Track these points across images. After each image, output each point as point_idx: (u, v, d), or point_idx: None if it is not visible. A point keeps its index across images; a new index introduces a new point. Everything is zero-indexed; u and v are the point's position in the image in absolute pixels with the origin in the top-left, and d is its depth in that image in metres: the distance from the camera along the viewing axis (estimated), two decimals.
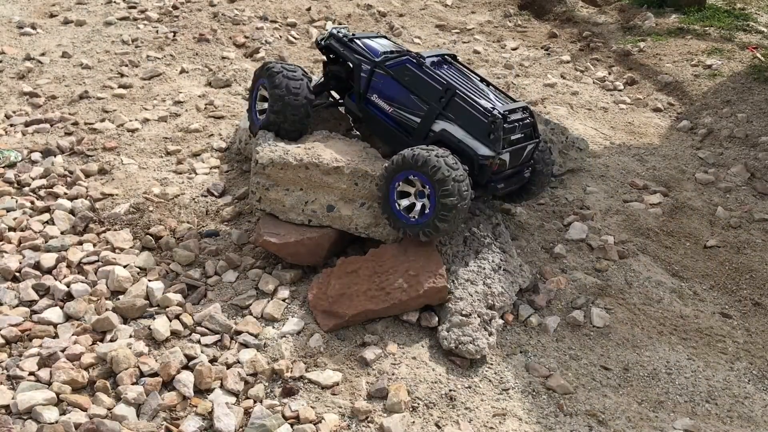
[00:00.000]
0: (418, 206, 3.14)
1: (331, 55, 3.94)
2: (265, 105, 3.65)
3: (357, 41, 3.74)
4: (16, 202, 3.76)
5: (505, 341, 3.19)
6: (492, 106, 3.29)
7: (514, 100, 3.56)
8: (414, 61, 3.43)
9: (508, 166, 3.38)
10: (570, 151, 4.49)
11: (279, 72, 3.53)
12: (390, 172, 3.15)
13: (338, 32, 3.83)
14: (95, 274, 3.31)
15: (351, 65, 3.71)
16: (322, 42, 3.86)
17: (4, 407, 2.57)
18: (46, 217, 3.68)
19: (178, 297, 3.17)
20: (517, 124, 3.33)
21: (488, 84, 3.61)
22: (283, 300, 3.21)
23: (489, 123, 3.21)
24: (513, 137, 3.32)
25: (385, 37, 3.97)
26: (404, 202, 3.17)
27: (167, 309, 3.10)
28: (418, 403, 2.76)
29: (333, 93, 4.09)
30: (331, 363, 2.91)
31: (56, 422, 2.52)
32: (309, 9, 6.87)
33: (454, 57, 3.73)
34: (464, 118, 3.28)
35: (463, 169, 3.06)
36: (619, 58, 6.64)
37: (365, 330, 3.11)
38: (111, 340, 2.93)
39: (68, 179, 4.02)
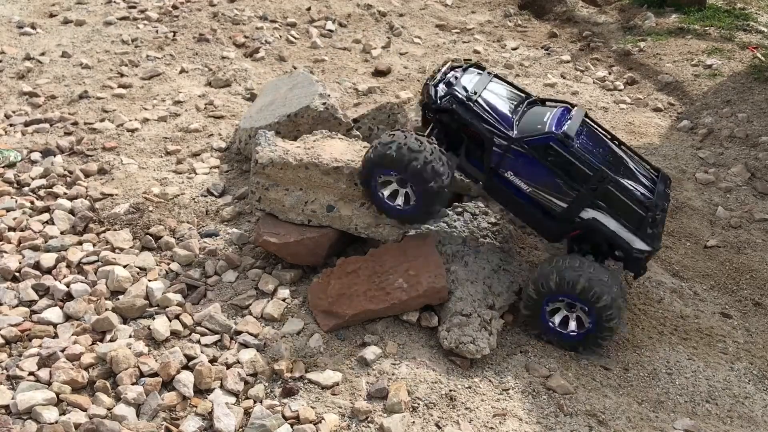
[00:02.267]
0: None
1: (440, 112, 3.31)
2: (392, 187, 3.21)
3: (479, 101, 3.22)
4: (16, 202, 3.76)
5: (505, 341, 3.19)
6: (645, 191, 3.09)
7: (649, 164, 3.35)
8: (559, 140, 3.04)
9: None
10: None
11: (428, 163, 3.05)
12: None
13: (458, 92, 3.24)
14: (95, 274, 3.30)
15: (473, 128, 3.20)
16: (441, 104, 3.22)
17: (4, 407, 2.57)
18: (45, 217, 3.68)
19: (178, 297, 3.17)
20: (666, 204, 3.18)
21: (620, 144, 3.36)
22: (283, 300, 3.20)
23: (647, 218, 3.03)
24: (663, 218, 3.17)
25: (497, 76, 3.52)
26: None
27: (167, 309, 3.10)
28: (418, 403, 2.76)
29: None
30: (331, 363, 2.90)
31: (56, 422, 2.52)
32: (309, 9, 6.87)
33: (586, 115, 3.34)
34: (618, 208, 3.05)
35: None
36: (620, 58, 6.63)
37: (365, 330, 3.11)
38: (111, 340, 2.93)
39: (68, 179, 4.02)
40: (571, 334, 3.09)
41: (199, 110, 4.89)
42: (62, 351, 2.81)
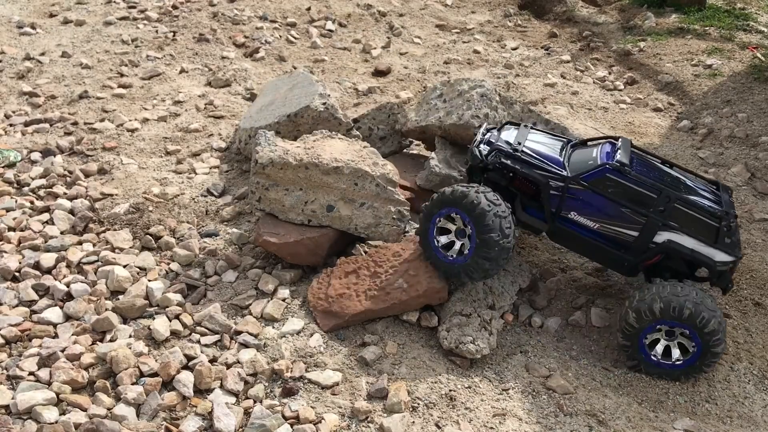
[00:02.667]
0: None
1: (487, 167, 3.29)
2: (449, 236, 3.15)
3: (525, 149, 3.21)
4: (16, 202, 3.76)
5: (505, 341, 3.19)
6: (712, 203, 3.05)
7: (703, 177, 3.31)
8: (616, 170, 3.00)
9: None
10: None
11: (489, 211, 2.95)
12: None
13: (502, 147, 3.23)
14: (95, 274, 3.30)
15: (525, 177, 3.19)
16: (488, 161, 3.21)
17: (4, 407, 2.57)
18: (45, 217, 3.68)
19: (178, 297, 3.17)
20: (735, 213, 3.13)
21: (671, 165, 3.31)
22: (283, 300, 3.20)
23: (723, 228, 2.97)
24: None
25: (531, 126, 3.51)
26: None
27: (167, 309, 3.10)
28: (418, 403, 2.76)
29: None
30: (331, 363, 2.90)
31: (56, 422, 2.52)
32: (309, 9, 6.87)
33: (632, 144, 3.30)
34: (688, 224, 3.00)
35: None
36: (620, 58, 6.63)
37: (365, 330, 3.11)
38: (111, 340, 2.92)
39: (68, 179, 4.02)
40: (676, 363, 2.99)
41: (199, 110, 4.89)
42: (62, 351, 2.81)
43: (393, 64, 5.98)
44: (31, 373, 2.72)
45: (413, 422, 2.68)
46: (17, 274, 3.27)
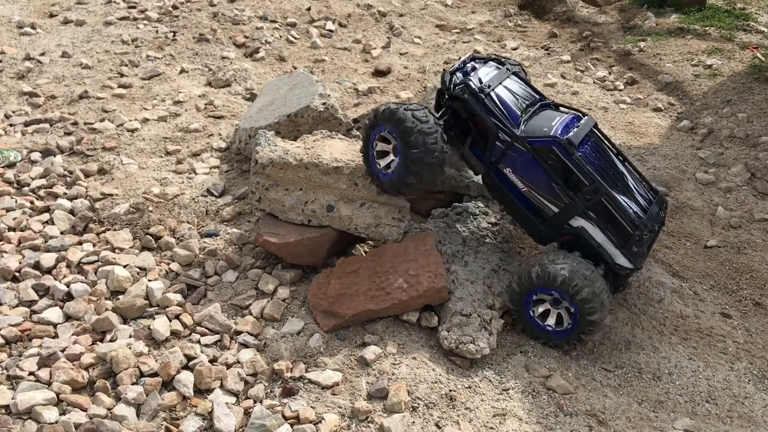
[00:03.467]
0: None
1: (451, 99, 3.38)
2: (387, 153, 3.25)
3: (492, 95, 3.25)
4: (16, 202, 3.76)
5: (505, 341, 3.19)
6: (638, 210, 3.10)
7: (649, 184, 3.36)
8: (563, 147, 3.05)
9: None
10: None
11: (413, 127, 3.05)
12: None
13: (473, 83, 3.28)
14: (95, 274, 3.30)
15: (486, 125, 3.23)
16: (454, 90, 3.28)
17: (4, 407, 2.57)
18: (45, 217, 3.68)
19: (178, 297, 3.17)
20: (657, 226, 3.21)
21: (624, 160, 3.33)
22: (283, 300, 3.20)
23: (635, 236, 3.03)
24: (652, 240, 3.20)
25: (514, 73, 3.50)
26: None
27: (167, 309, 3.10)
28: (418, 403, 2.76)
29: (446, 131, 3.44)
30: (331, 363, 2.90)
31: (56, 422, 2.52)
32: (309, 9, 6.87)
33: (595, 126, 3.32)
34: (607, 222, 3.07)
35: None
36: (620, 58, 6.63)
37: (365, 330, 3.11)
38: (111, 340, 2.93)
39: (68, 179, 4.02)
40: (558, 330, 3.09)
41: (199, 110, 4.89)
42: (62, 351, 2.82)
43: (393, 64, 5.98)
44: (31, 373, 2.72)
45: (413, 422, 2.68)
46: (17, 274, 3.27)
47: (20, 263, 3.32)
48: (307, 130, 3.97)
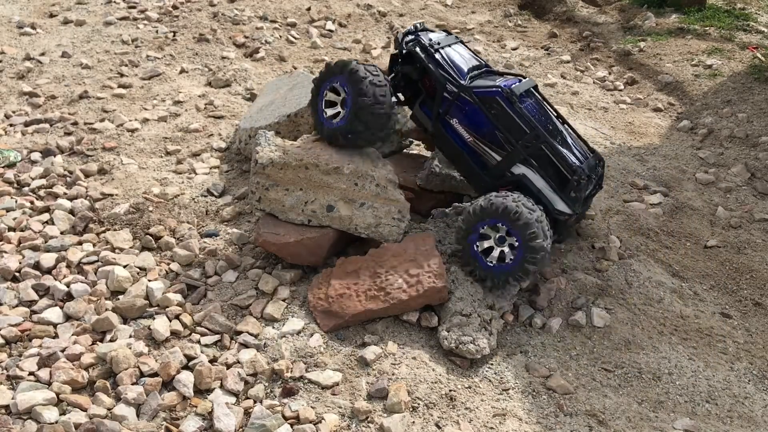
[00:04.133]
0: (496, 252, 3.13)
1: (404, 51, 3.62)
2: (336, 107, 3.40)
3: (441, 52, 3.48)
4: (16, 202, 3.76)
5: (505, 341, 3.19)
6: (576, 160, 3.24)
7: (587, 145, 3.51)
8: (505, 96, 3.23)
9: (576, 209, 3.34)
10: None
11: (365, 77, 3.23)
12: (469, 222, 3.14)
13: (423, 39, 3.51)
14: (95, 274, 3.30)
15: (429, 73, 3.44)
16: (405, 46, 3.53)
17: (4, 407, 2.57)
18: (45, 217, 3.68)
19: (178, 297, 3.17)
20: (594, 178, 3.32)
21: (563, 122, 3.50)
22: (283, 300, 3.20)
23: (573, 181, 3.16)
24: (588, 192, 3.33)
25: (462, 42, 3.73)
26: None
27: (167, 309, 3.10)
28: (418, 403, 2.76)
29: (398, 93, 3.71)
30: (331, 363, 2.90)
31: (56, 422, 2.52)
32: (309, 9, 6.87)
33: (535, 87, 3.52)
34: (547, 169, 3.20)
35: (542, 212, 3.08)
36: (620, 58, 6.63)
37: (365, 330, 3.11)
38: (111, 340, 2.93)
39: (68, 179, 4.02)
40: (504, 264, 3.11)
41: (199, 110, 4.89)
42: (62, 351, 2.82)
43: None
44: (31, 373, 2.72)
45: (413, 422, 2.68)
46: (17, 274, 3.27)
47: (20, 263, 3.32)
48: (307, 130, 3.97)
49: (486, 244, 3.15)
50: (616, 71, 6.40)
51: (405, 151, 4.43)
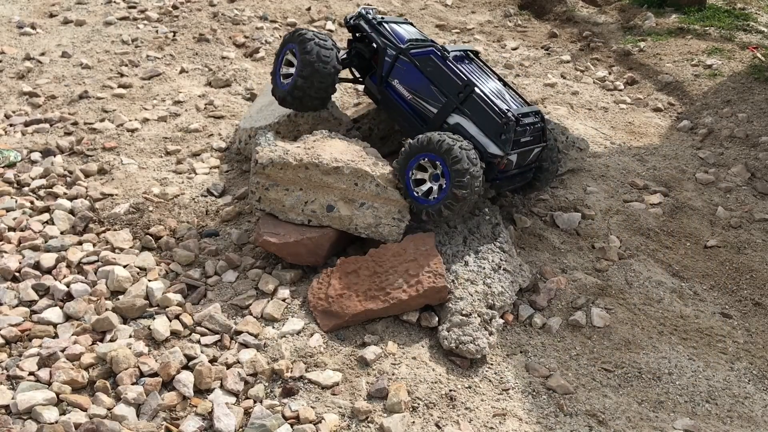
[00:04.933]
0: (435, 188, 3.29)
1: (357, 34, 4.03)
2: (291, 70, 3.74)
3: (385, 24, 3.85)
4: (16, 202, 3.76)
5: (505, 341, 3.19)
6: (507, 108, 3.40)
7: (528, 104, 3.68)
8: (438, 53, 3.53)
9: (515, 166, 3.49)
10: (570, 151, 4.49)
11: (311, 39, 3.61)
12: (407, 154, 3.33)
13: (368, 13, 3.92)
14: (95, 274, 3.30)
15: (376, 47, 3.80)
16: (351, 21, 3.95)
17: (4, 407, 2.57)
18: (45, 217, 3.68)
19: (178, 297, 3.17)
20: (528, 127, 3.44)
21: (505, 84, 3.71)
22: (283, 300, 3.20)
23: (502, 124, 3.32)
24: (523, 140, 3.43)
25: (412, 24, 4.07)
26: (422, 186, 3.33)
27: (167, 309, 3.10)
28: (418, 403, 2.76)
29: (354, 71, 4.14)
30: (331, 363, 2.90)
31: (56, 422, 2.52)
32: (309, 9, 6.87)
33: (476, 54, 3.82)
34: (479, 116, 3.38)
35: (480, 166, 3.23)
36: (620, 58, 6.63)
37: (365, 330, 3.11)
38: (111, 340, 2.93)
39: (68, 179, 4.02)
40: (434, 197, 3.25)
41: (199, 110, 4.89)
42: (62, 351, 2.82)
43: None
44: (31, 373, 2.72)
45: (413, 422, 2.68)
46: (17, 274, 3.27)
47: (20, 263, 3.32)
48: (307, 130, 3.97)
49: (420, 177, 3.31)
50: (616, 71, 6.40)
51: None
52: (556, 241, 3.89)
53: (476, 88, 3.40)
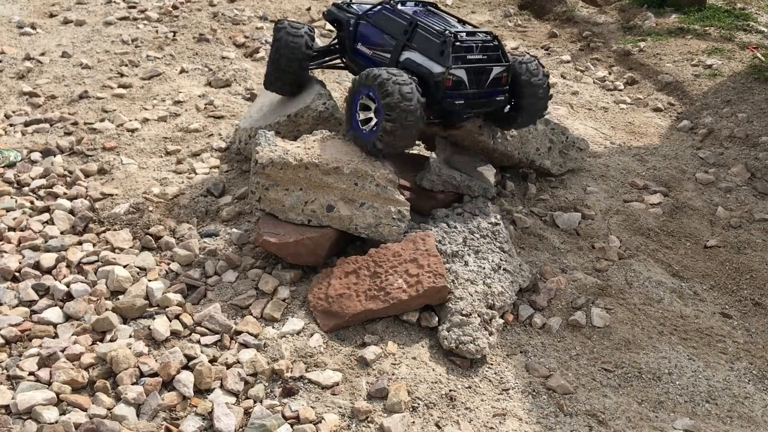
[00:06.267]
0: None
1: (336, 24, 4.18)
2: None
3: (353, 5, 4.08)
4: (16, 202, 3.76)
5: (505, 341, 3.19)
6: (446, 28, 3.52)
7: (481, 32, 3.80)
8: (388, 6, 3.75)
9: (469, 86, 3.50)
10: (570, 151, 4.49)
11: (283, 27, 3.90)
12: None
13: (343, 2, 4.15)
14: (95, 274, 3.30)
15: (344, 24, 4.01)
16: (327, 14, 4.16)
17: (4, 407, 2.57)
18: (45, 217, 3.68)
19: (178, 297, 3.17)
20: (473, 44, 3.50)
21: (464, 23, 3.81)
22: (283, 300, 3.20)
23: (441, 42, 3.42)
24: (470, 56, 3.48)
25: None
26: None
27: (167, 309, 3.10)
28: (418, 403, 2.76)
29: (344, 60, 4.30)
30: (331, 363, 2.90)
31: (56, 422, 2.52)
32: (309, 9, 6.87)
33: (435, 6, 3.96)
34: (422, 44, 3.51)
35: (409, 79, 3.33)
36: (620, 58, 6.63)
37: (365, 330, 3.11)
38: (111, 340, 2.93)
39: (68, 179, 4.02)
40: (371, 129, 3.39)
41: (199, 110, 4.89)
42: (62, 351, 2.81)
43: None
44: (31, 373, 2.72)
45: (413, 422, 2.68)
46: (17, 274, 3.27)
47: (20, 263, 3.32)
48: (307, 130, 3.97)
49: (362, 115, 3.45)
50: (616, 71, 6.40)
51: (405, 151, 4.43)
52: (556, 241, 3.89)
53: (419, 22, 3.53)
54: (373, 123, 3.38)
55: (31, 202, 3.77)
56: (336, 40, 4.22)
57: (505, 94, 3.66)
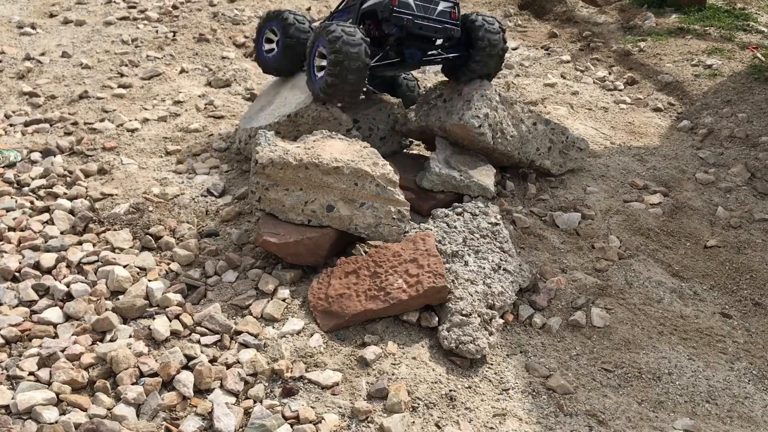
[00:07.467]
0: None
1: None
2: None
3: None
4: (16, 202, 3.76)
5: (505, 341, 3.19)
6: None
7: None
8: None
9: (416, 10, 3.71)
10: (570, 151, 4.49)
11: (288, 19, 4.23)
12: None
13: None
14: (95, 274, 3.30)
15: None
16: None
17: (4, 407, 2.57)
18: (45, 217, 3.68)
19: (178, 297, 3.17)
20: None
21: None
22: (283, 300, 3.20)
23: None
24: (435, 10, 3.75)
25: None
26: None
27: (167, 309, 3.10)
28: (418, 403, 2.76)
29: None
30: (331, 363, 2.90)
31: (56, 422, 2.52)
32: (309, 9, 6.87)
33: None
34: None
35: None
36: (620, 58, 6.63)
37: (365, 330, 3.11)
38: (111, 340, 2.93)
39: (68, 179, 4.02)
40: (314, 76, 3.76)
41: (199, 110, 4.89)
42: (62, 351, 2.82)
43: None
44: (31, 373, 2.72)
45: (413, 422, 2.68)
46: (17, 274, 3.27)
47: (20, 263, 3.32)
48: (307, 130, 3.97)
49: (318, 62, 3.75)
50: (616, 71, 6.39)
51: (405, 151, 4.43)
52: (556, 241, 3.89)
53: None
54: (323, 73, 3.67)
55: (31, 202, 3.77)
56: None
57: (457, 26, 3.87)
